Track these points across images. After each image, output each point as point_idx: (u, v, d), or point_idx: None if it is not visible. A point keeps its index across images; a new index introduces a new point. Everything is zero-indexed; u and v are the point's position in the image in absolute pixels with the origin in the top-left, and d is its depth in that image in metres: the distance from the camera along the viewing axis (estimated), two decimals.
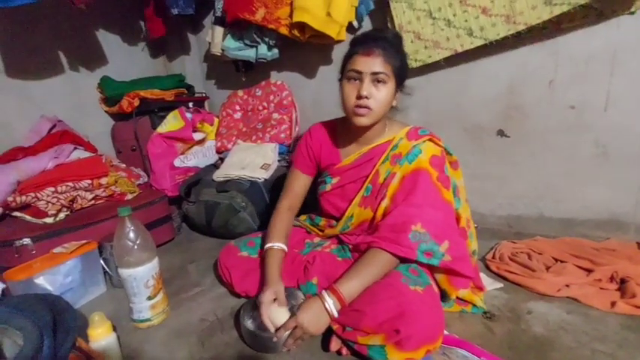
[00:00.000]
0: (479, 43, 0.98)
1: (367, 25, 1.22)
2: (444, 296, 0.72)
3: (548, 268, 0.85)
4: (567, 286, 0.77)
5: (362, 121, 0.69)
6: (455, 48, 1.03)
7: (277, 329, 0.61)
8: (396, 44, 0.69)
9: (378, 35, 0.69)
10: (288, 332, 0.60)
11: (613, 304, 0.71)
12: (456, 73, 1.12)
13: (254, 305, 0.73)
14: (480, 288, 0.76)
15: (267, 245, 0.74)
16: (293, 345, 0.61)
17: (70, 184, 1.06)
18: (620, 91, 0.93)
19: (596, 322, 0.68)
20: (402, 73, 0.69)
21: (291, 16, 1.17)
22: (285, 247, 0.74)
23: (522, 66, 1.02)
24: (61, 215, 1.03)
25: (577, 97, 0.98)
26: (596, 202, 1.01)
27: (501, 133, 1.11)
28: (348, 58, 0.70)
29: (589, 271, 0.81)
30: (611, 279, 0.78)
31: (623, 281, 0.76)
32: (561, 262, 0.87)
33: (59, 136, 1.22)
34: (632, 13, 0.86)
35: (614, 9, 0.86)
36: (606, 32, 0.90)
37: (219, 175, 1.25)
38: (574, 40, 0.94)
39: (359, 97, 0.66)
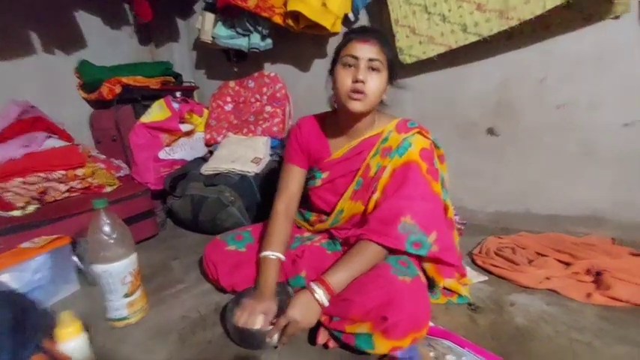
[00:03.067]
0: (473, 39, 0.99)
1: (364, 19, 1.21)
2: (431, 285, 0.73)
3: (530, 262, 0.87)
4: (548, 278, 0.80)
5: (356, 105, 0.68)
6: (449, 44, 1.03)
7: (270, 331, 0.60)
8: (388, 40, 0.72)
9: (373, 28, 0.73)
10: (279, 331, 0.59)
11: (589, 295, 0.74)
12: (449, 71, 1.12)
13: (242, 300, 0.70)
14: (462, 274, 0.78)
15: (264, 253, 0.71)
16: (286, 341, 0.60)
17: (42, 174, 0.99)
18: (604, 93, 0.96)
19: (574, 313, 0.70)
20: (393, 66, 0.71)
21: (285, 4, 1.13)
22: (282, 257, 0.72)
23: (514, 65, 1.04)
24: (30, 208, 0.96)
25: (565, 96, 1.01)
26: (579, 199, 1.05)
27: (491, 131, 1.13)
28: (342, 45, 0.70)
29: (568, 264, 0.85)
30: (588, 272, 0.82)
31: (598, 274, 0.79)
32: (543, 256, 0.90)
33: (31, 123, 1.13)
34: (617, 17, 0.89)
35: (601, 13, 0.89)
36: (594, 35, 0.93)
37: (207, 169, 1.21)
38: (564, 41, 0.97)
39: (355, 81, 0.66)
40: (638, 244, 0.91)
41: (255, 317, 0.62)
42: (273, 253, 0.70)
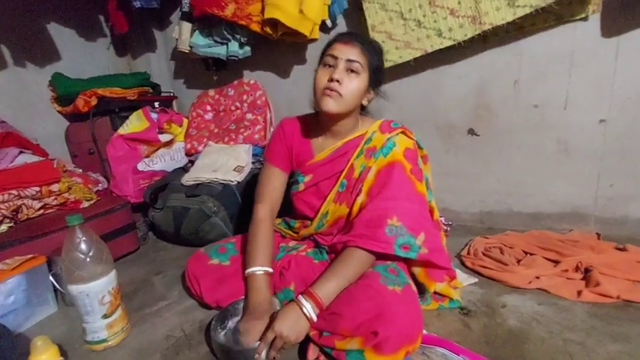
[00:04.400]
0: (448, 43, 1.01)
1: (341, 25, 1.22)
2: (422, 291, 0.71)
3: (519, 261, 0.87)
4: (537, 277, 0.79)
5: (329, 103, 0.67)
6: (425, 48, 1.05)
7: (257, 347, 0.57)
8: (377, 49, 0.72)
9: (361, 34, 0.73)
10: (267, 347, 0.56)
11: (579, 293, 0.73)
12: (428, 75, 1.14)
13: (226, 317, 0.68)
14: (452, 277, 0.77)
15: (252, 269, 0.67)
16: (276, 355, 0.57)
17: (14, 191, 0.94)
18: (578, 91, 0.99)
19: (566, 312, 0.69)
20: (377, 72, 0.71)
21: (262, 12, 1.14)
22: (270, 270, 0.69)
23: (490, 67, 1.07)
24: (3, 227, 0.91)
25: (540, 96, 1.03)
26: (560, 196, 1.06)
27: (472, 132, 1.14)
28: (326, 47, 0.71)
29: (556, 262, 0.84)
30: (577, 269, 0.81)
31: (587, 271, 0.79)
32: (530, 254, 0.89)
33: (1, 138, 1.08)
34: (586, 18, 0.93)
35: (572, 13, 0.93)
36: (564, 35, 0.96)
37: (188, 179, 1.18)
38: (536, 42, 1.00)
39: (330, 80, 0.67)
40: (621, 239, 0.92)
41: (255, 336, 0.58)
42: (261, 269, 0.67)
